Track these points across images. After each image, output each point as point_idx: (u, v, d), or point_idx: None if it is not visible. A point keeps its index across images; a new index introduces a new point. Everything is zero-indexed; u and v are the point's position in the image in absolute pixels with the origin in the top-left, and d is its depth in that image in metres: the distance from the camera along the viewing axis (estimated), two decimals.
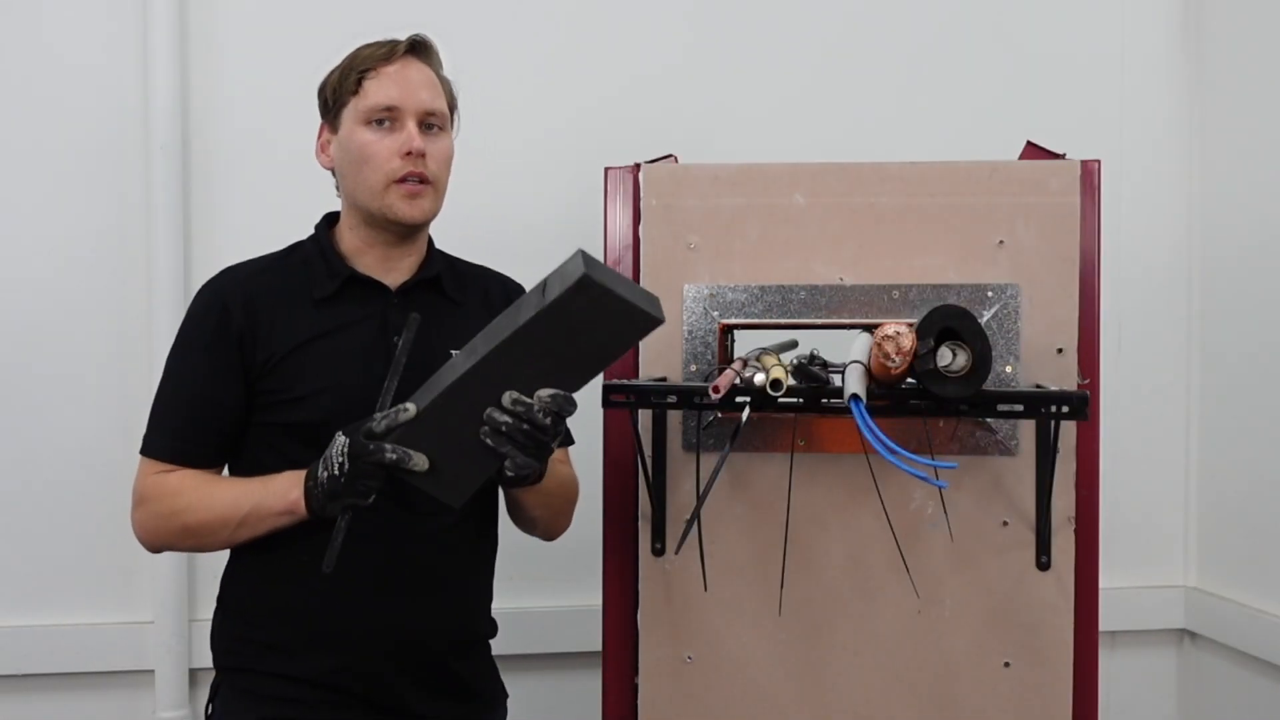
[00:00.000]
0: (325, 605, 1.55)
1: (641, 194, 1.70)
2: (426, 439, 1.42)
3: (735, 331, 1.73)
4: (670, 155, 1.75)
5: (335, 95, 1.63)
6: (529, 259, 2.35)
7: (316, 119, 1.67)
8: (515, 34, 2.42)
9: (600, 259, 1.73)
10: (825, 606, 1.67)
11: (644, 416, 1.66)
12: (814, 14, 2.51)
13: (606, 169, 1.74)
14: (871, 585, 1.66)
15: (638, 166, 1.71)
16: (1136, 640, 2.64)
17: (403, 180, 1.57)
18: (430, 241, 1.71)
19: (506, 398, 1.38)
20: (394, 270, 1.65)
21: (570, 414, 1.42)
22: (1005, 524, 1.65)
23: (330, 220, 1.69)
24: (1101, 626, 1.68)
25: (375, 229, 1.62)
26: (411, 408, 1.40)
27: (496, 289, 1.75)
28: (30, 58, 2.28)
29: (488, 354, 1.37)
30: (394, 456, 1.40)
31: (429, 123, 1.61)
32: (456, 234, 1.81)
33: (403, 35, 1.64)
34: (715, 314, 1.67)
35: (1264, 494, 2.41)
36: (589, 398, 1.55)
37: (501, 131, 2.38)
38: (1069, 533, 1.65)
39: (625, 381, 1.59)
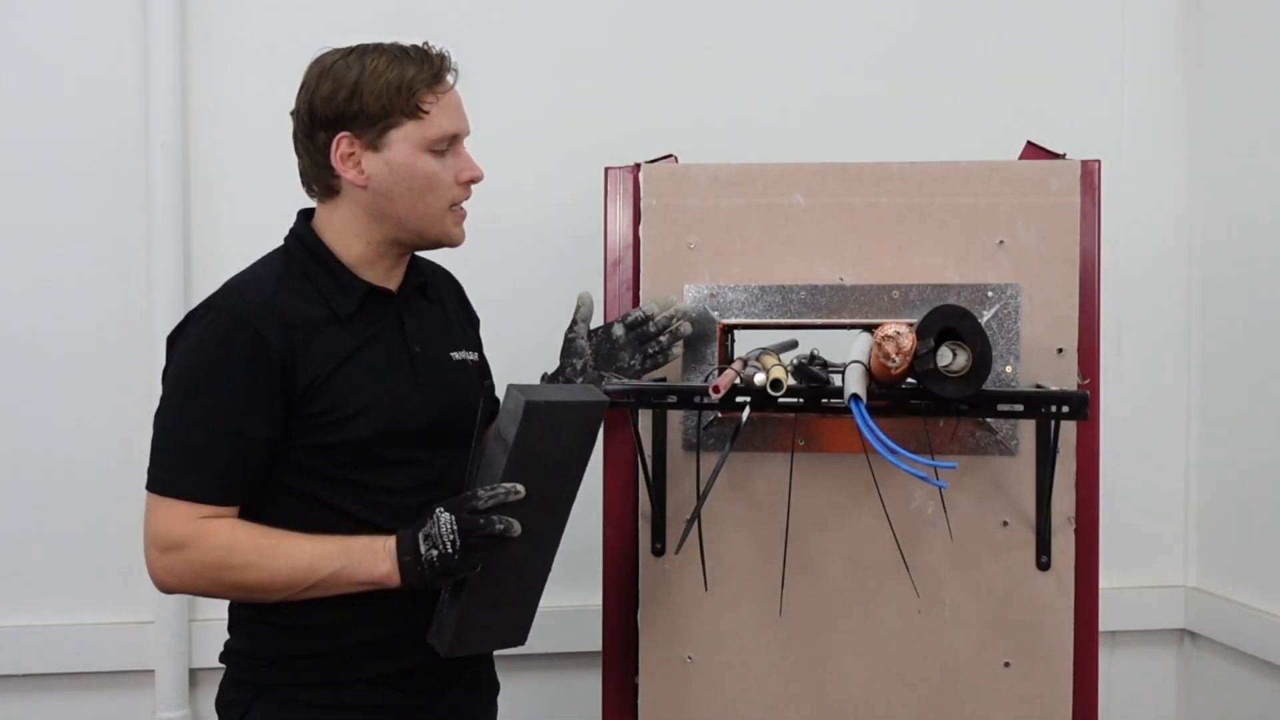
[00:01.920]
0: (388, 609, 1.54)
1: (642, 194, 1.70)
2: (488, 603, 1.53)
3: (735, 331, 1.73)
4: (670, 155, 1.75)
5: (382, 110, 1.54)
6: (529, 259, 2.39)
7: None
8: (516, 34, 2.41)
9: (600, 264, 1.74)
10: (825, 606, 1.67)
11: (644, 416, 1.66)
12: (813, 15, 2.51)
13: (607, 169, 1.74)
14: (871, 585, 1.66)
15: (638, 166, 1.71)
16: (1136, 640, 2.63)
17: (454, 205, 1.60)
18: None
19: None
20: (392, 276, 1.63)
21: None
22: (1005, 524, 1.65)
23: (306, 217, 1.64)
24: (1101, 626, 1.69)
25: (400, 245, 1.60)
26: (521, 489, 1.44)
27: (444, 281, 1.78)
28: (30, 58, 2.27)
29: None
30: (501, 528, 1.43)
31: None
32: None
33: (404, 36, 1.62)
34: (715, 314, 1.67)
35: (1264, 494, 2.41)
36: None
37: (502, 131, 2.38)
38: (1069, 533, 1.65)
39: (625, 381, 1.59)
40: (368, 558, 1.47)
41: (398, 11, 2.29)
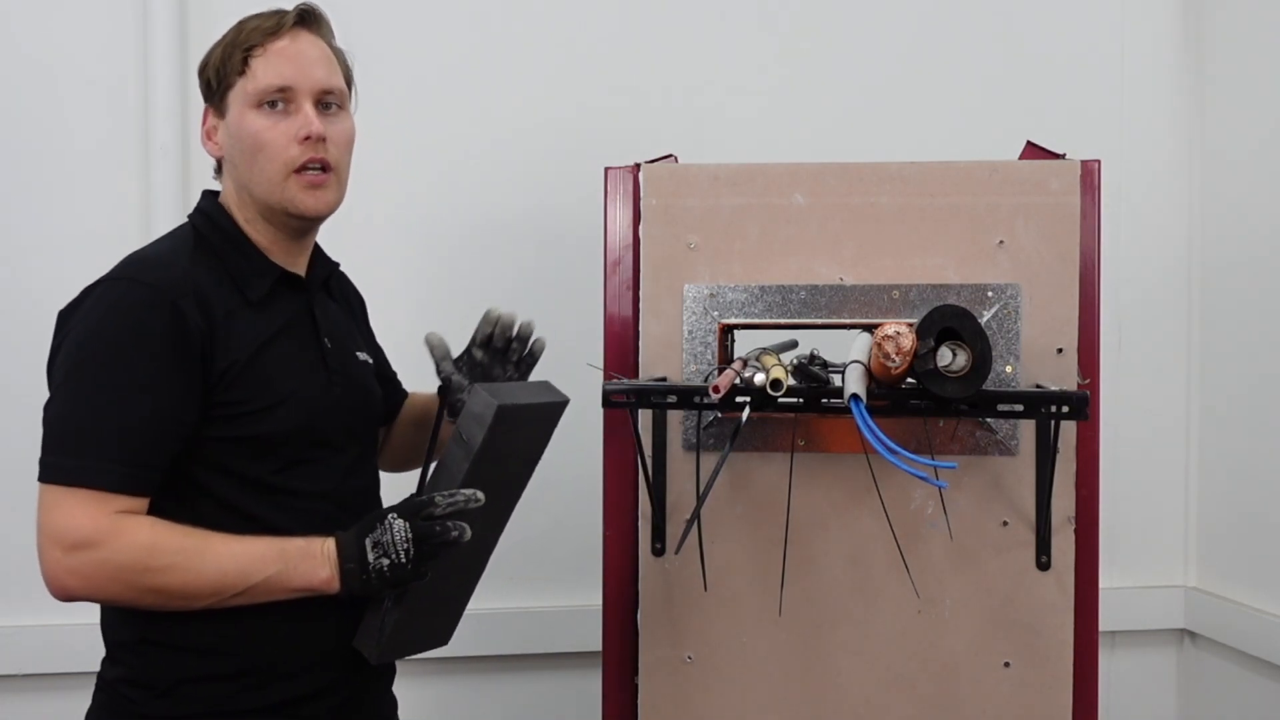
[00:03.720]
0: (297, 627, 1.44)
1: (641, 194, 1.69)
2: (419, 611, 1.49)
3: (735, 331, 1.73)
4: (670, 155, 1.75)
5: (219, 76, 1.47)
6: (530, 259, 2.39)
7: None
8: (516, 33, 2.42)
9: (600, 264, 1.74)
10: (825, 606, 1.67)
11: (644, 416, 1.66)
12: (813, 14, 2.51)
13: (606, 169, 1.74)
14: (871, 585, 1.66)
15: (638, 166, 1.71)
16: (1136, 640, 2.63)
17: (302, 169, 1.44)
18: None
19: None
20: (298, 262, 1.53)
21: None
22: (1005, 524, 1.65)
23: (213, 195, 1.54)
24: (1101, 626, 1.68)
25: (274, 223, 1.49)
26: (481, 496, 1.39)
27: (336, 282, 1.67)
28: (30, 58, 2.27)
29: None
30: (456, 534, 1.36)
31: (326, 101, 1.48)
32: (456, 233, 1.81)
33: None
34: (715, 314, 1.67)
35: (1264, 494, 2.41)
36: (590, 397, 1.56)
37: (502, 131, 2.39)
38: (1069, 533, 1.65)
39: (625, 381, 1.59)
40: (305, 563, 1.37)
41: (396, 10, 2.29)
